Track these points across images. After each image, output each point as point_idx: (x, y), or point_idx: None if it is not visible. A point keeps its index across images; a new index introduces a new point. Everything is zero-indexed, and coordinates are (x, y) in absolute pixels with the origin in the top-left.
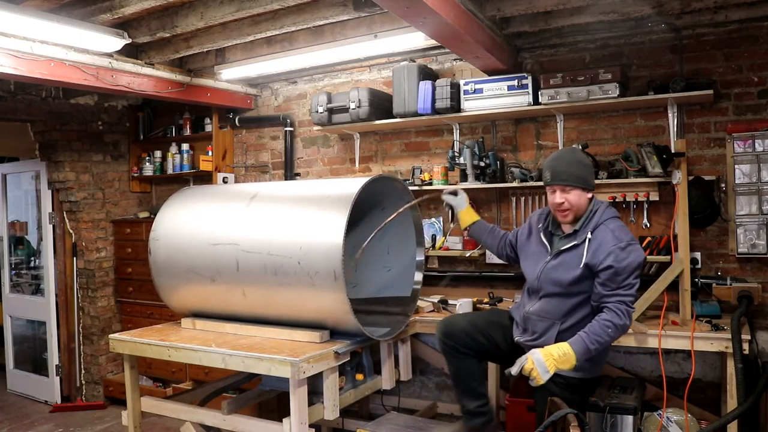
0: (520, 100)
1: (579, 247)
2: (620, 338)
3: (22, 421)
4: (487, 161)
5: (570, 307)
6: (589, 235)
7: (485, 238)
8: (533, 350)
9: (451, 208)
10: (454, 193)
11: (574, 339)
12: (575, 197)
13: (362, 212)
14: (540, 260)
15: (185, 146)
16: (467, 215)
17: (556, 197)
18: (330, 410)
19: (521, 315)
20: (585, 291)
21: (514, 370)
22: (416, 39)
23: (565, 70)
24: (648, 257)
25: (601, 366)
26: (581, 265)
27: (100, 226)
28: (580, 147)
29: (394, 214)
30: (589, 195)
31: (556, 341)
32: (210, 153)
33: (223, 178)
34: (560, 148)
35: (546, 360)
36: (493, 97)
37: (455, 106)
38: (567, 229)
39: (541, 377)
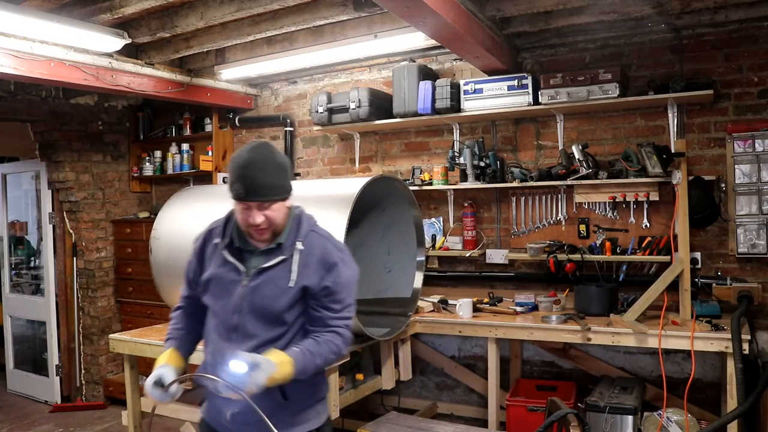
0: (520, 100)
1: (287, 262)
2: (620, 338)
3: (22, 421)
4: (487, 161)
5: (286, 344)
6: (299, 246)
7: (195, 338)
8: (240, 353)
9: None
10: (161, 384)
11: (294, 351)
12: (277, 212)
13: (363, 212)
14: (232, 287)
15: (185, 146)
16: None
17: (254, 216)
18: (330, 410)
19: (214, 374)
20: (298, 317)
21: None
22: (416, 39)
23: (565, 70)
24: (648, 257)
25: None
26: (293, 284)
27: (100, 226)
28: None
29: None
30: (289, 202)
31: (284, 396)
32: (210, 153)
33: (223, 178)
34: (558, 148)
35: (264, 364)
36: (493, 97)
37: (455, 106)
38: (263, 243)
39: (256, 385)
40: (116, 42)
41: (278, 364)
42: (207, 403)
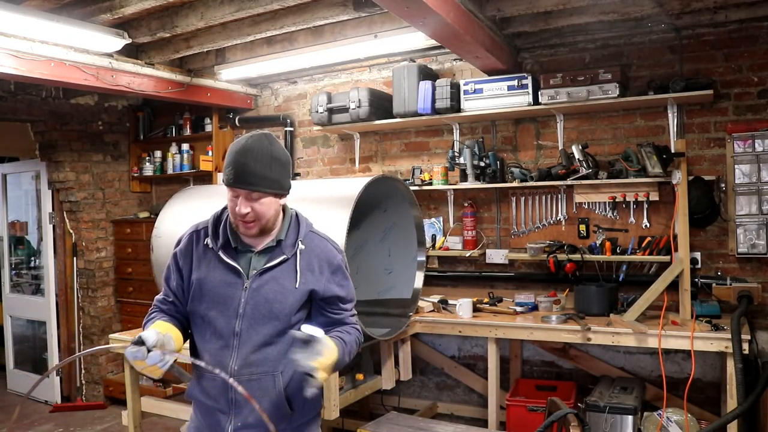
0: (520, 100)
1: (289, 262)
2: (620, 338)
3: (22, 421)
4: (487, 161)
5: (288, 346)
6: (300, 246)
7: (181, 329)
8: (319, 354)
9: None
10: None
11: (335, 340)
12: (266, 207)
13: (363, 212)
14: (232, 290)
15: (185, 146)
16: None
17: (240, 206)
18: (330, 410)
19: (218, 386)
20: (301, 320)
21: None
22: (416, 39)
23: (565, 70)
24: (648, 257)
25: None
26: (299, 285)
27: (100, 226)
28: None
29: None
30: (283, 200)
31: (290, 407)
32: (210, 153)
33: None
34: (558, 148)
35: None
36: (493, 97)
37: (455, 106)
38: (260, 242)
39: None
40: (116, 42)
41: (328, 350)
42: (198, 419)
